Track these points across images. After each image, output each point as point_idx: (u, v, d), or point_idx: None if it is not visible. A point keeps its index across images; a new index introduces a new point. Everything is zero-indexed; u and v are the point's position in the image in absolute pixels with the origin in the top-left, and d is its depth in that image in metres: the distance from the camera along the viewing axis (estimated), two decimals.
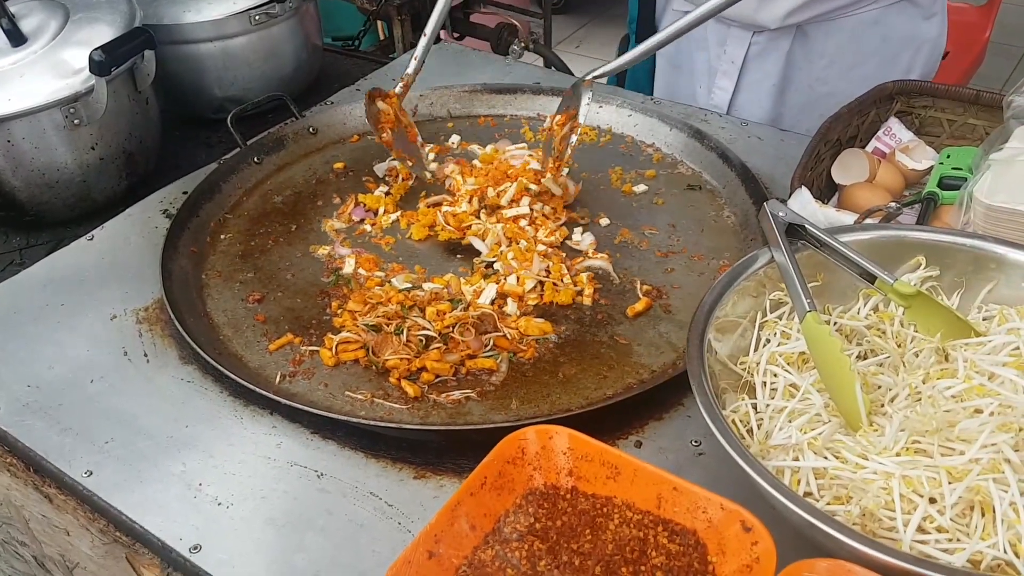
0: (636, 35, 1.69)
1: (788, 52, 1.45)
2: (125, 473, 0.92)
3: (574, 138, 1.15)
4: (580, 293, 1.11)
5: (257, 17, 1.47)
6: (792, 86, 1.49)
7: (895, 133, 1.27)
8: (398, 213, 1.27)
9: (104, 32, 1.28)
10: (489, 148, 1.40)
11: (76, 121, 1.25)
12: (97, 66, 1.22)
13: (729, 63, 1.49)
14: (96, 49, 1.21)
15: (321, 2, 1.68)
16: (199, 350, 1.00)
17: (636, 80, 1.71)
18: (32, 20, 1.28)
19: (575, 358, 1.02)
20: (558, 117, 1.21)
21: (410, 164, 1.32)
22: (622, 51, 1.79)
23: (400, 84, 1.34)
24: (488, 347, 1.03)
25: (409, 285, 1.13)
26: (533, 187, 1.25)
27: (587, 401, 0.97)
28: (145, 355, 1.06)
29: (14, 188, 1.28)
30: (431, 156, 1.40)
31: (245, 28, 1.48)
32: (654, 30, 1.66)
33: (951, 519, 0.68)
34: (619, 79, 1.81)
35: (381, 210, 1.27)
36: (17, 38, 1.25)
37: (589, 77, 1.17)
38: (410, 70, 1.34)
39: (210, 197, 1.29)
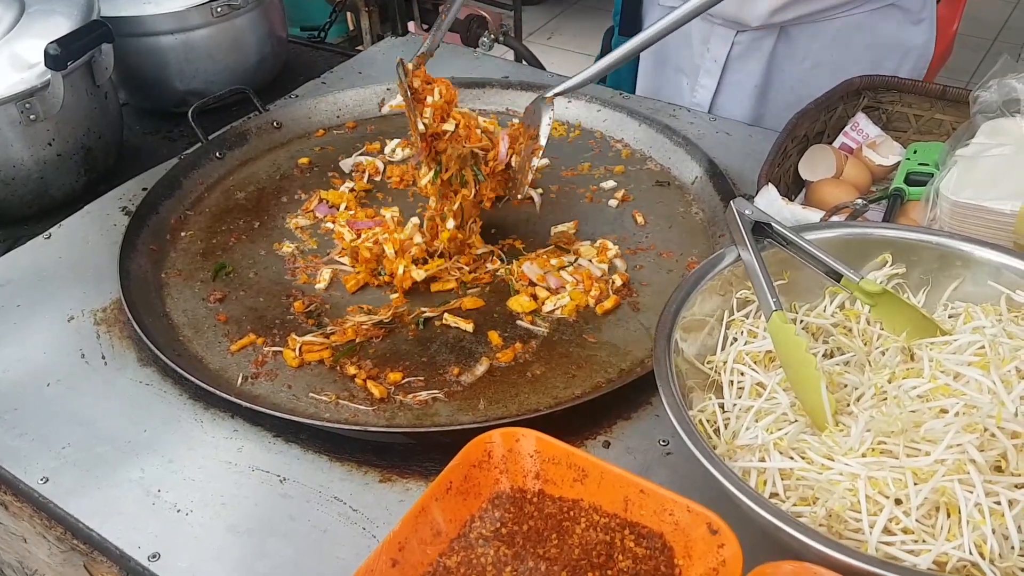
0: (619, 28, 1.67)
1: (771, 53, 1.44)
2: (82, 479, 0.90)
3: (536, 161, 1.08)
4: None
5: (219, 9, 1.45)
6: (774, 87, 1.48)
7: (862, 128, 1.27)
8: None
9: (61, 25, 1.24)
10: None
11: (32, 116, 1.22)
12: (53, 60, 1.19)
13: (712, 61, 1.48)
14: (52, 43, 1.18)
15: None
16: (158, 352, 0.98)
17: (619, 73, 1.69)
18: None
19: (543, 357, 1.01)
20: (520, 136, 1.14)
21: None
22: (606, 43, 1.76)
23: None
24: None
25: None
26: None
27: (555, 401, 0.96)
28: (103, 357, 1.04)
29: None
30: (398, 152, 1.38)
31: (207, 20, 1.45)
32: (638, 25, 1.64)
33: (917, 520, 0.68)
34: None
35: (343, 206, 1.25)
36: None
37: (550, 95, 1.10)
38: (424, 48, 1.20)
39: (170, 193, 1.26)
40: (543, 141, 1.08)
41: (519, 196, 1.12)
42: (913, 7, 1.43)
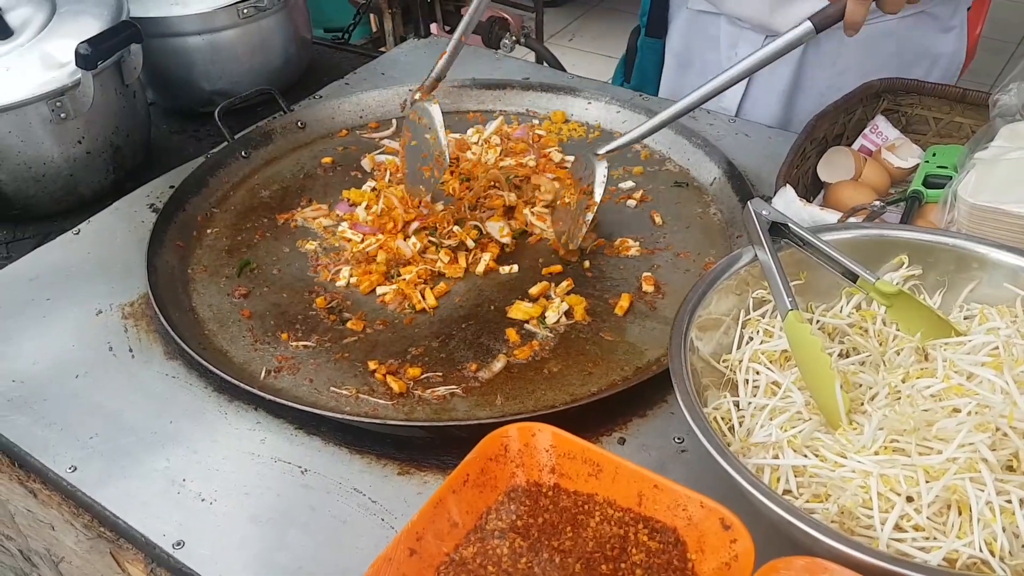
0: (646, 28, 1.68)
1: (800, 58, 1.44)
2: (109, 469, 0.92)
3: (589, 216, 1.11)
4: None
5: (245, 10, 1.47)
6: (802, 92, 1.48)
7: (881, 131, 1.27)
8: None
9: (91, 25, 1.27)
10: (470, 132, 1.42)
11: (63, 115, 1.24)
12: (83, 60, 1.21)
13: None
14: (82, 42, 1.21)
15: None
16: (184, 345, 1.00)
17: (643, 73, 1.70)
18: (18, 13, 1.28)
19: (560, 355, 1.03)
20: (573, 191, 1.17)
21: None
22: (632, 43, 1.76)
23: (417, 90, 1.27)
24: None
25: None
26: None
27: (572, 398, 0.97)
28: (130, 350, 1.06)
29: (0, 182, 1.27)
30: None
31: (233, 21, 1.47)
32: (664, 27, 1.65)
33: (928, 518, 0.69)
34: (626, 75, 1.80)
35: (364, 204, 1.27)
36: (3, 31, 1.25)
37: (602, 152, 1.12)
38: (433, 74, 1.27)
39: (197, 191, 1.28)
40: (597, 198, 1.11)
41: (571, 248, 1.16)
42: (943, 15, 1.42)
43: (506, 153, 1.34)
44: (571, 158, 1.36)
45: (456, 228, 1.20)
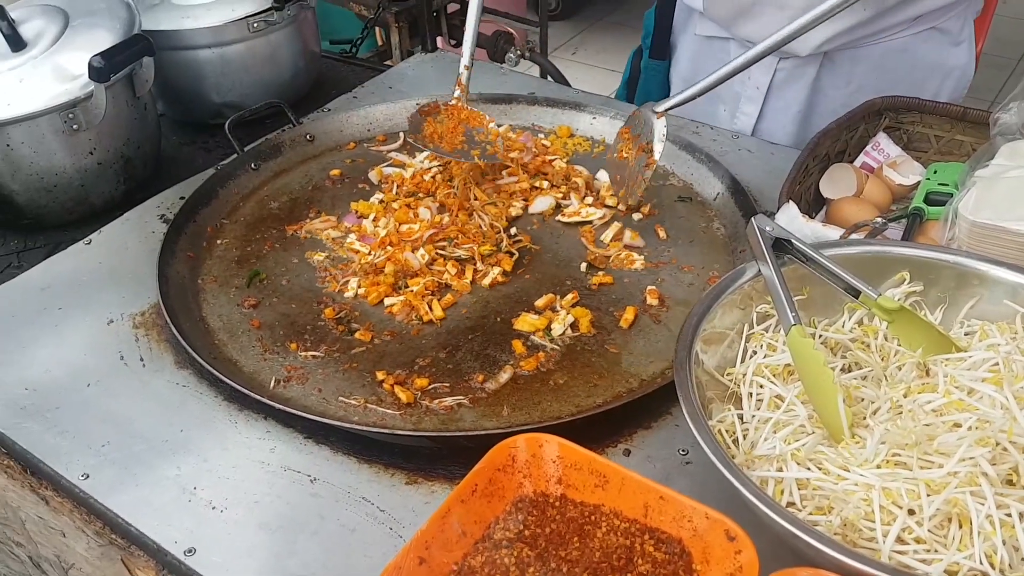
0: (650, 51, 1.69)
1: (815, 79, 1.44)
2: (121, 476, 0.93)
3: (648, 173, 1.16)
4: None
5: (255, 24, 1.49)
6: (817, 112, 1.48)
7: (883, 148, 1.29)
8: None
9: (103, 38, 1.29)
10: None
11: (75, 126, 1.26)
12: (96, 72, 1.23)
13: (754, 89, 1.49)
14: (95, 55, 1.22)
15: (319, 5, 1.69)
16: (194, 355, 1.01)
17: (647, 96, 1.70)
18: (32, 25, 1.30)
19: (566, 366, 1.04)
20: (631, 147, 1.22)
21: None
22: (635, 65, 1.77)
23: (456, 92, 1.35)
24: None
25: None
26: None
27: (577, 409, 0.98)
28: (141, 359, 1.07)
29: (13, 192, 1.29)
30: (426, 163, 1.41)
31: (243, 35, 1.49)
32: (668, 50, 1.66)
33: (929, 530, 0.70)
34: (629, 97, 1.81)
35: (371, 216, 1.28)
36: (17, 43, 1.26)
37: (661, 110, 1.17)
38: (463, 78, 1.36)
39: (207, 203, 1.30)
40: (657, 156, 1.17)
41: (630, 203, 1.19)
42: (953, 29, 1.44)
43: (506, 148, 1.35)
44: (579, 168, 1.37)
45: (470, 247, 1.21)
